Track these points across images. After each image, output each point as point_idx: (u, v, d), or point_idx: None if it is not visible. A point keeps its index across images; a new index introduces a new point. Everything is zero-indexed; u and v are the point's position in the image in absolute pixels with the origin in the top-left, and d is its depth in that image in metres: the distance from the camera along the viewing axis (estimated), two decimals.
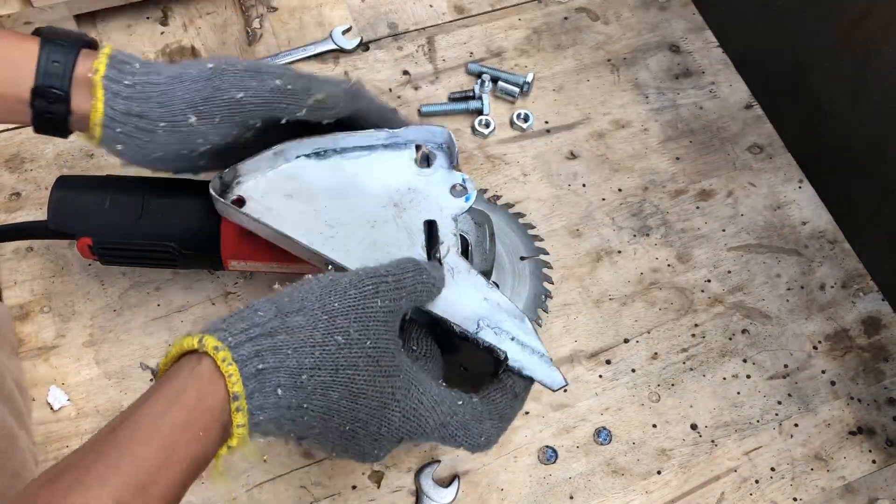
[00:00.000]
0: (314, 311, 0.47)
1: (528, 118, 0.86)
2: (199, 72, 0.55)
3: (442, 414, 0.52)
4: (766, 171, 0.86)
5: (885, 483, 0.72)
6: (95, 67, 0.52)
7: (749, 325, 0.78)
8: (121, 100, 0.53)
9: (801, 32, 0.97)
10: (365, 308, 0.49)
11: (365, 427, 0.49)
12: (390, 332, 0.50)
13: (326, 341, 0.47)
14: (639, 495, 0.69)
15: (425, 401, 0.51)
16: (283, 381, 0.45)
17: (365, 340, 0.48)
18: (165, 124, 0.54)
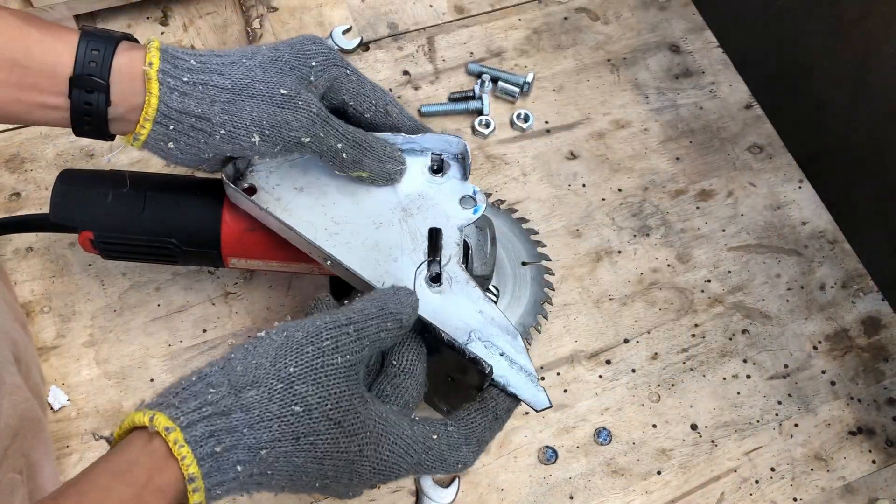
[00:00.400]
0: (269, 381, 0.45)
1: (528, 118, 0.86)
2: (271, 91, 0.53)
3: (416, 454, 0.50)
4: (766, 171, 0.86)
5: (885, 483, 0.72)
6: (149, 61, 0.51)
7: (749, 325, 0.78)
8: (177, 96, 0.51)
9: (801, 32, 0.97)
10: (324, 367, 0.46)
11: (336, 481, 0.48)
12: (353, 385, 0.47)
13: (283, 412, 0.44)
14: (639, 495, 0.69)
15: (396, 449, 0.49)
16: (242, 458, 0.43)
17: (325, 404, 0.45)
18: (226, 133, 0.53)
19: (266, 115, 0.53)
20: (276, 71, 0.54)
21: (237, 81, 0.53)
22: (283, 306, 0.73)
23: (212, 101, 0.52)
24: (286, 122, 0.54)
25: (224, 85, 0.52)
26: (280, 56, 0.55)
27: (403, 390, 0.52)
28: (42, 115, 0.53)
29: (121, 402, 0.68)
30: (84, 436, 0.67)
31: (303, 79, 0.56)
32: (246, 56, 0.55)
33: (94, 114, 0.52)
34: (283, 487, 0.47)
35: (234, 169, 0.59)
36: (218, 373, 0.45)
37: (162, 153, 0.55)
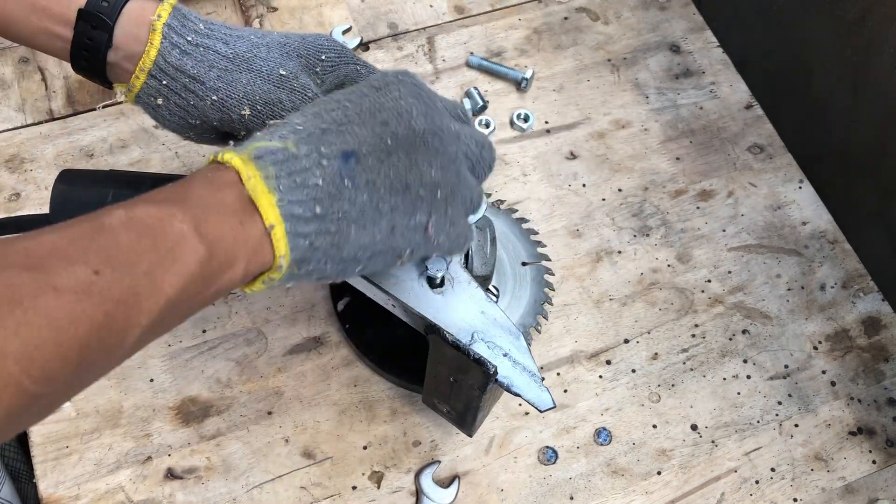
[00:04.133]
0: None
1: (528, 118, 0.86)
2: (271, 69, 0.54)
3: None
4: (766, 172, 0.86)
5: (886, 483, 0.72)
6: (158, 13, 0.51)
7: (749, 325, 0.78)
8: (177, 53, 0.52)
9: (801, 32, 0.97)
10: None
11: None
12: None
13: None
14: (639, 496, 0.69)
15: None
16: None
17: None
18: (217, 100, 0.53)
19: (260, 91, 0.53)
20: (280, 53, 0.55)
21: (239, 53, 0.53)
22: (282, 306, 0.73)
23: (210, 65, 0.52)
24: (279, 100, 0.54)
25: (225, 52, 0.53)
26: (290, 42, 0.56)
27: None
28: (46, 41, 0.53)
29: (120, 402, 0.68)
30: (84, 436, 0.67)
31: (307, 67, 0.56)
32: (256, 35, 0.55)
33: (93, 50, 0.52)
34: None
35: None
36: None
37: (151, 111, 0.55)
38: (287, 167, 0.44)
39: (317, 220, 0.44)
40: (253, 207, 0.42)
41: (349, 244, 0.46)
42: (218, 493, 0.66)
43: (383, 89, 0.49)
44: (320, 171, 0.44)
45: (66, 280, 0.35)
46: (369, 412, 0.70)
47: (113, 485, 0.65)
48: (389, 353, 0.71)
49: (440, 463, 0.68)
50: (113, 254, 0.37)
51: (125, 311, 0.37)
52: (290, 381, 0.71)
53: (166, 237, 0.39)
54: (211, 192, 0.42)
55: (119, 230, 0.38)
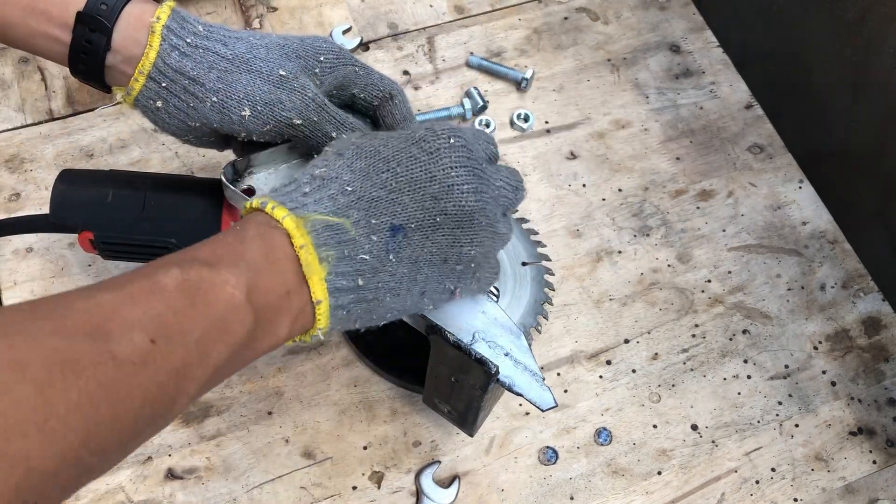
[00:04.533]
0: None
1: (528, 118, 0.86)
2: (270, 69, 0.54)
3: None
4: (766, 171, 0.86)
5: (886, 483, 0.72)
6: (157, 15, 0.51)
7: (749, 325, 0.78)
8: (176, 55, 0.52)
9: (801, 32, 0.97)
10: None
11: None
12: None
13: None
14: (639, 496, 0.69)
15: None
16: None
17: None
18: (217, 101, 0.53)
19: (260, 92, 0.53)
20: (280, 54, 0.55)
21: (238, 54, 0.53)
22: None
23: (209, 66, 0.52)
24: (279, 101, 0.54)
25: (224, 54, 0.53)
26: (288, 43, 0.56)
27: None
28: (44, 44, 0.53)
29: None
30: None
31: (306, 68, 0.56)
32: (254, 36, 0.55)
33: (92, 54, 0.52)
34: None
35: (233, 170, 0.59)
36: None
37: (151, 114, 0.55)
38: (338, 238, 0.44)
39: (356, 290, 0.45)
40: (303, 279, 0.43)
41: (382, 308, 0.47)
42: (218, 493, 0.66)
43: (435, 154, 0.49)
44: (369, 245, 0.45)
45: (124, 349, 0.36)
46: (369, 412, 0.70)
47: (113, 485, 0.65)
48: (389, 353, 0.71)
49: (440, 463, 0.68)
50: (168, 321, 0.38)
51: (176, 382, 0.38)
52: (290, 382, 0.71)
53: (218, 304, 0.40)
54: (264, 258, 0.43)
55: (174, 293, 0.39)
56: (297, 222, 0.44)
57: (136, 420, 0.36)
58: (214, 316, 0.40)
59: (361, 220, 0.46)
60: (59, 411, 0.33)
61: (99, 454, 0.35)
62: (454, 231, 0.48)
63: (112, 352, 0.35)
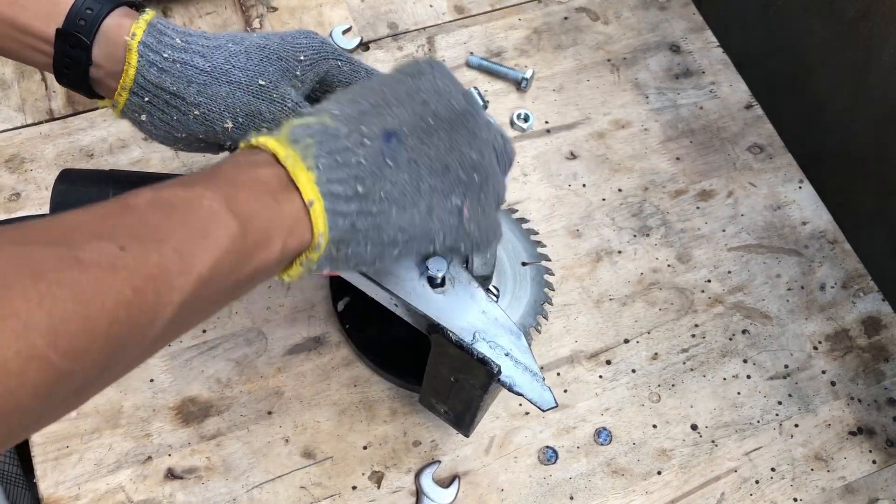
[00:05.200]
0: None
1: (528, 118, 0.86)
2: (249, 79, 0.53)
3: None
4: (766, 171, 0.86)
5: (886, 483, 0.72)
6: (133, 32, 0.51)
7: (749, 325, 0.78)
8: (155, 70, 0.51)
9: (801, 32, 0.97)
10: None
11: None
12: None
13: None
14: (639, 496, 0.69)
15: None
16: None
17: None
18: (199, 114, 0.53)
19: (241, 103, 0.53)
20: (259, 59, 0.54)
21: (217, 65, 0.53)
22: (282, 306, 0.73)
23: (188, 81, 0.52)
24: (259, 112, 0.53)
25: (203, 67, 0.52)
26: (268, 45, 0.55)
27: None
28: (32, 55, 0.53)
29: (120, 402, 0.68)
30: (84, 436, 0.67)
31: (287, 71, 0.55)
32: (233, 41, 0.54)
33: (74, 68, 0.52)
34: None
35: None
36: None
37: (137, 125, 0.55)
38: (327, 146, 0.43)
39: (358, 199, 0.43)
40: (291, 185, 0.42)
41: (390, 225, 0.45)
42: (218, 493, 0.66)
43: (417, 76, 0.49)
44: (363, 150, 0.44)
45: (90, 254, 0.34)
46: (369, 412, 0.70)
47: (113, 485, 0.65)
48: (389, 353, 0.71)
49: (440, 463, 0.68)
50: (140, 231, 0.36)
51: (155, 288, 0.36)
52: (290, 381, 0.71)
53: (196, 215, 0.38)
54: (243, 172, 0.41)
55: (146, 209, 0.38)
56: (279, 139, 0.42)
57: (110, 323, 0.34)
58: (192, 224, 0.38)
59: (353, 131, 0.44)
60: (17, 310, 0.31)
61: (71, 356, 0.33)
62: (450, 134, 0.47)
63: (76, 257, 0.33)
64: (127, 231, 0.36)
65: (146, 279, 0.36)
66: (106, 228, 0.36)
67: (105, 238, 0.35)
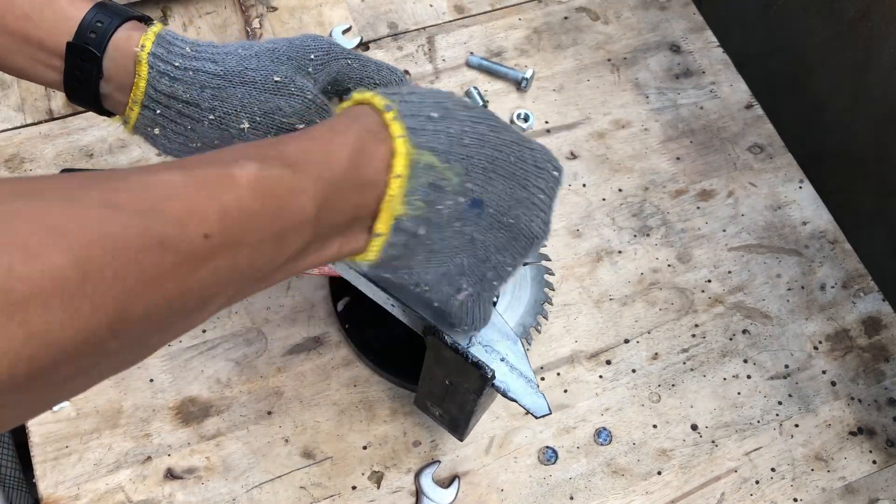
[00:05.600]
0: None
1: (528, 118, 0.86)
2: (264, 77, 0.53)
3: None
4: (766, 171, 0.86)
5: (886, 484, 0.72)
6: (142, 43, 0.51)
7: (749, 325, 0.78)
8: (167, 80, 0.51)
9: (801, 32, 0.97)
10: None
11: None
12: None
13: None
14: (639, 496, 0.69)
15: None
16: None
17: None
18: (214, 119, 0.52)
19: (257, 102, 0.53)
20: (271, 59, 0.54)
21: (230, 68, 0.52)
22: (282, 306, 0.73)
23: (202, 86, 0.52)
24: (278, 108, 0.53)
25: (216, 71, 0.52)
26: (277, 48, 0.55)
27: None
28: (43, 71, 0.53)
29: (120, 402, 0.68)
30: (83, 436, 0.67)
31: (300, 68, 0.55)
32: (243, 47, 0.54)
33: (85, 82, 0.52)
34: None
35: None
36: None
37: (151, 140, 0.55)
38: (434, 183, 0.44)
39: (413, 237, 0.45)
40: (376, 208, 0.43)
41: (412, 270, 0.47)
42: (218, 493, 0.66)
43: (539, 171, 0.48)
44: (452, 202, 0.45)
45: (174, 237, 0.33)
46: (369, 412, 0.70)
47: (113, 485, 0.65)
48: (389, 353, 0.70)
49: (440, 463, 0.68)
50: (228, 220, 0.36)
51: (216, 283, 0.36)
52: (290, 381, 0.70)
53: (286, 215, 0.38)
54: (352, 170, 0.41)
55: (245, 190, 0.36)
56: (409, 151, 0.43)
57: (168, 314, 0.34)
58: (277, 228, 0.38)
59: (461, 178, 0.45)
60: (89, 288, 0.30)
61: (123, 340, 0.32)
62: (510, 241, 0.48)
63: (160, 236, 0.32)
64: (217, 215, 0.35)
65: (212, 274, 0.35)
66: (199, 203, 0.35)
67: (195, 218, 0.34)
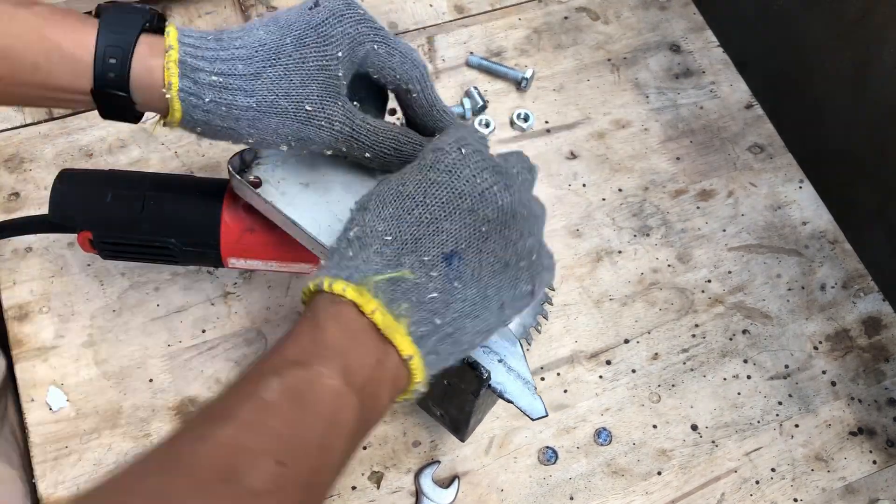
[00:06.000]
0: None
1: (528, 118, 0.85)
2: (296, 107, 0.52)
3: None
4: (766, 171, 0.86)
5: (886, 484, 0.72)
6: (168, 81, 0.50)
7: (749, 325, 0.78)
8: (200, 112, 0.51)
9: (801, 32, 0.97)
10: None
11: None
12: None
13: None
14: (639, 496, 0.69)
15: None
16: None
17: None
18: (253, 142, 0.54)
19: (291, 131, 0.53)
20: (301, 78, 0.52)
21: (262, 99, 0.52)
22: (282, 306, 0.73)
23: (236, 119, 0.52)
24: (309, 137, 0.54)
25: (248, 104, 0.52)
26: (306, 56, 0.52)
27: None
28: (74, 105, 0.54)
29: (120, 402, 0.68)
30: (83, 436, 0.66)
31: (328, 80, 0.53)
32: (270, 61, 0.52)
33: (120, 108, 0.53)
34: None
35: (241, 160, 0.59)
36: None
37: (196, 136, 0.56)
38: (403, 288, 0.44)
39: (437, 330, 0.45)
40: (387, 342, 0.43)
41: (466, 335, 0.47)
42: None
43: (454, 171, 0.48)
44: (432, 283, 0.45)
45: (258, 481, 0.36)
46: None
47: None
48: None
49: (440, 463, 0.68)
50: (286, 438, 0.38)
51: (309, 492, 0.39)
52: None
53: (324, 401, 0.40)
54: (345, 336, 0.43)
55: (281, 405, 0.39)
56: (360, 290, 0.43)
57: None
58: (325, 414, 0.40)
59: (416, 264, 0.45)
60: None
61: None
62: (503, 233, 0.48)
63: (250, 488, 0.35)
64: (277, 441, 0.38)
65: (303, 487, 0.38)
66: (258, 442, 0.38)
67: (262, 456, 0.37)
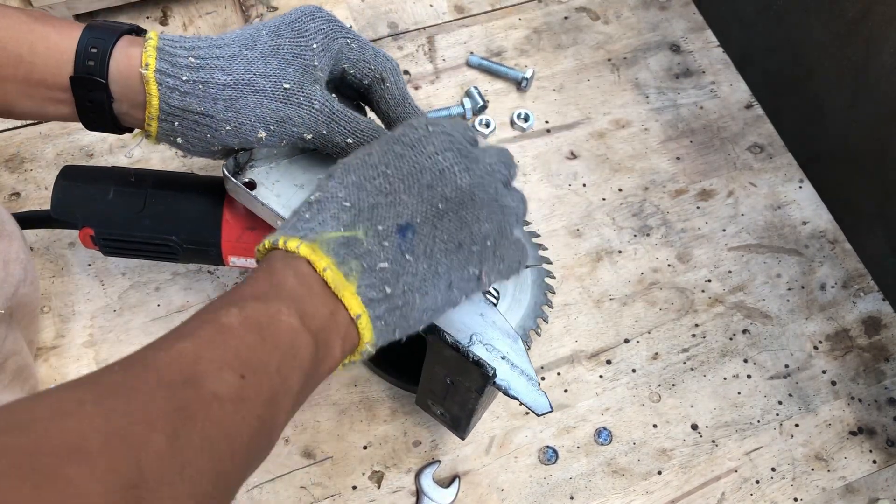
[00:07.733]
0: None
1: (528, 118, 0.86)
2: (274, 85, 0.53)
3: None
4: (766, 171, 0.86)
5: (886, 483, 0.72)
6: (146, 62, 0.51)
7: (750, 325, 0.78)
8: (178, 95, 0.51)
9: (801, 32, 0.97)
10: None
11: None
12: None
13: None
14: (639, 496, 0.69)
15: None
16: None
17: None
18: (231, 129, 0.53)
19: (269, 111, 0.53)
20: (278, 62, 0.53)
21: (239, 77, 0.52)
22: None
23: (214, 99, 0.52)
24: (289, 117, 0.53)
25: (225, 82, 0.52)
26: (281, 44, 0.54)
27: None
28: (54, 109, 0.53)
29: None
30: None
31: (306, 67, 0.55)
32: (246, 46, 0.54)
33: (98, 110, 0.52)
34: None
35: (235, 163, 0.59)
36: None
37: (175, 147, 0.55)
38: (355, 251, 0.45)
39: (387, 299, 0.45)
40: (337, 298, 0.44)
41: (415, 311, 0.47)
42: None
43: (417, 146, 0.49)
44: (383, 252, 0.46)
45: (222, 388, 0.37)
46: (369, 412, 0.70)
47: None
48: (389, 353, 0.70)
49: (440, 463, 0.68)
50: (246, 356, 0.39)
51: (270, 413, 0.39)
52: None
53: (283, 334, 0.41)
54: (300, 286, 0.44)
55: (241, 331, 0.40)
56: (312, 247, 0.44)
57: (247, 454, 0.37)
58: (284, 345, 0.41)
59: (370, 231, 0.46)
60: (189, 457, 0.34)
61: (224, 491, 0.36)
62: (459, 213, 0.48)
63: (214, 393, 0.36)
64: (238, 358, 0.39)
65: (265, 405, 0.39)
66: (219, 355, 0.38)
67: (225, 367, 0.38)
